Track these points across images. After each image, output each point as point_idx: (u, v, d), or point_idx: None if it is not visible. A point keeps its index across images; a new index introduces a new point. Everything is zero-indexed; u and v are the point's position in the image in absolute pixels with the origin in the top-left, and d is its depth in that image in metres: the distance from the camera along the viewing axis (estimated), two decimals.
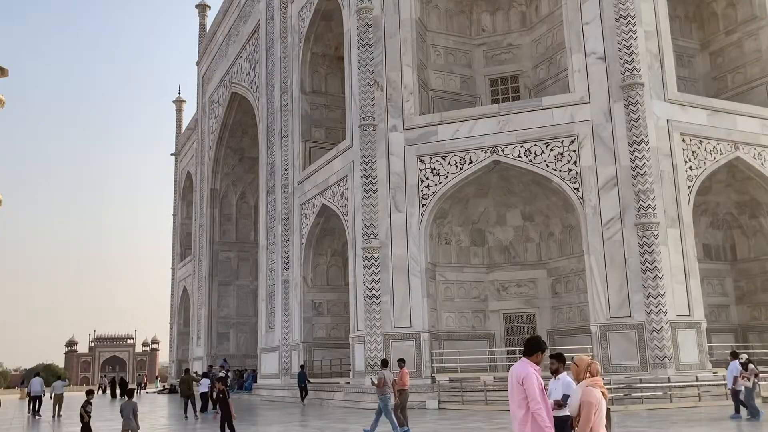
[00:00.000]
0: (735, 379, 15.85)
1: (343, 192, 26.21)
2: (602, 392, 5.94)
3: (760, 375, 17.14)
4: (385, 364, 15.14)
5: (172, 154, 61.54)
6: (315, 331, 29.67)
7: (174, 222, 59.85)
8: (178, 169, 60.34)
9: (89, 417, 13.13)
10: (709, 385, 20.15)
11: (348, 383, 24.65)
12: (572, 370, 6.14)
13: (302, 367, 27.44)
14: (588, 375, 6.06)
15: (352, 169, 25.14)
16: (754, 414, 15.13)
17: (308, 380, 26.69)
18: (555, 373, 7.64)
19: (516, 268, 26.21)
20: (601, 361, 20.52)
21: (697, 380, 19.92)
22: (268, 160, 34.27)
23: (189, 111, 62.62)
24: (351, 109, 25.83)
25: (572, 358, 6.56)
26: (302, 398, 26.35)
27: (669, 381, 19.44)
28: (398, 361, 16.40)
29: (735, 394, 16.02)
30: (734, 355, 16.75)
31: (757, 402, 19.78)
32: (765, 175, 23.74)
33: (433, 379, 22.33)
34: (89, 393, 13.66)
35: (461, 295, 25.84)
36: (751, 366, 15.84)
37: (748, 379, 15.52)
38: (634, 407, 18.71)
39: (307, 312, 29.55)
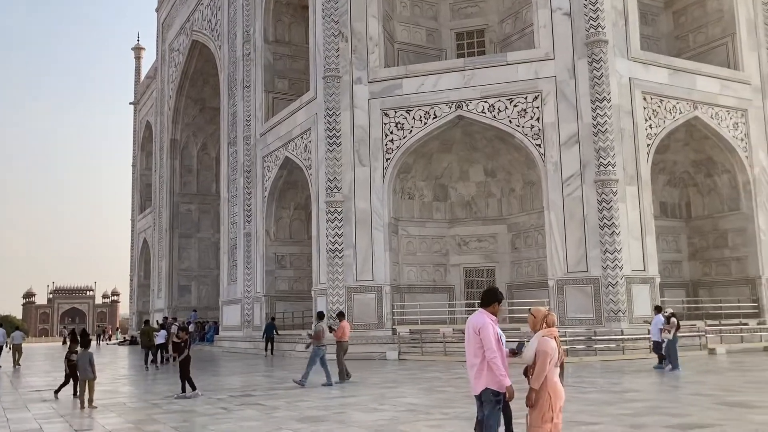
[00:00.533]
0: (660, 331, 16.51)
1: (306, 145, 25.98)
2: (557, 342, 6.08)
3: (704, 329, 17.75)
4: (321, 316, 15.41)
5: (131, 103, 59.99)
6: (277, 284, 29.72)
7: (133, 173, 58.71)
8: (137, 118, 58.92)
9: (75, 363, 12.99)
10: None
11: (310, 335, 24.81)
12: (529, 321, 6.25)
13: (273, 319, 27.61)
14: (544, 326, 6.18)
15: (316, 121, 24.89)
16: (675, 365, 15.81)
17: (277, 332, 26.89)
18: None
19: (477, 223, 26.49)
20: (558, 315, 21.06)
21: (648, 333, 20.58)
22: (230, 111, 33.68)
23: (148, 59, 60.91)
24: (315, 60, 25.42)
25: (529, 309, 6.70)
26: (270, 350, 26.57)
27: (622, 334, 20.08)
28: (337, 314, 16.58)
29: (657, 346, 16.73)
30: (658, 309, 17.52)
31: (703, 353, 20.64)
32: (721, 135, 24.24)
33: (394, 330, 22.67)
34: (74, 341, 13.39)
35: (423, 250, 26.07)
36: (673, 320, 16.49)
37: (669, 332, 16.19)
38: (588, 358, 19.31)
39: (270, 265, 29.53)
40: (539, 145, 22.05)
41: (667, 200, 26.82)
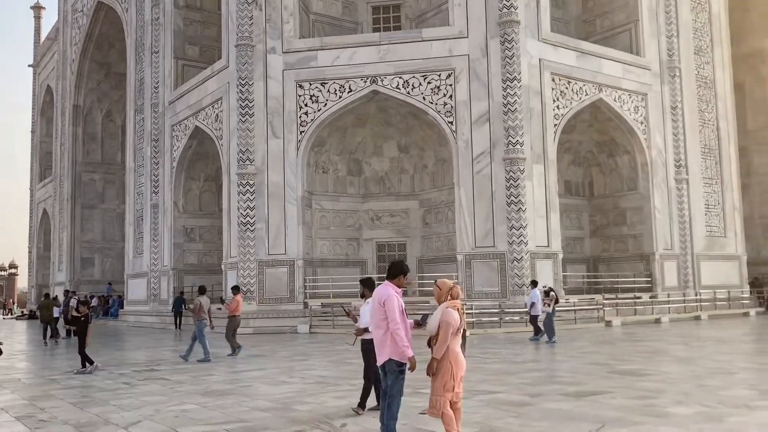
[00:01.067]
0: (533, 305, 17.38)
1: (217, 114, 25.32)
2: (460, 314, 6.23)
3: (601, 302, 18.64)
4: (202, 290, 15.12)
5: (30, 66, 56.52)
6: (186, 257, 29.02)
7: (32, 139, 55.49)
8: (36, 82, 55.57)
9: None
10: (561, 310, 21.79)
11: (219, 309, 24.46)
12: (434, 293, 6.37)
13: (181, 293, 26.95)
14: (449, 298, 6.31)
15: (228, 91, 24.27)
16: (551, 337, 16.68)
17: (186, 307, 26.27)
18: (362, 296, 8.03)
19: (390, 198, 26.70)
20: (466, 288, 21.63)
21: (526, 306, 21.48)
22: (137, 77, 32.33)
23: (49, 18, 57.45)
24: (228, 27, 24.70)
25: (435, 281, 6.83)
26: (178, 325, 25.99)
27: (526, 307, 20.82)
28: (232, 288, 16.36)
29: (533, 318, 17.58)
30: (534, 284, 18.35)
31: (600, 325, 21.73)
32: (623, 117, 25.33)
33: (306, 304, 22.65)
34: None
35: (336, 224, 26.07)
36: (552, 293, 17.38)
37: (548, 305, 17.06)
38: (493, 330, 19.97)
39: (178, 238, 28.77)
40: (451, 123, 22.37)
41: (572, 179, 27.88)
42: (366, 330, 7.72)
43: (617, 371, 10.98)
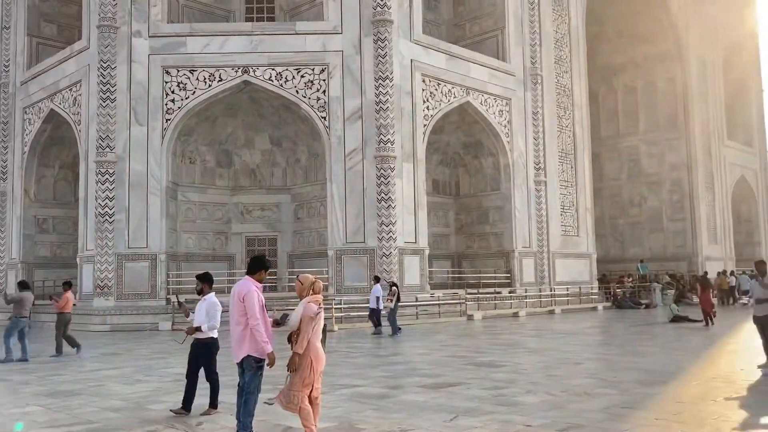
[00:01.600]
0: (377, 299, 17.91)
1: (76, 98, 23.78)
2: (320, 309, 6.22)
3: (464, 297, 19.28)
4: (24, 285, 14.20)
5: None
6: (37, 249, 27.06)
7: None
8: None
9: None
10: (426, 304, 22.50)
11: (74, 305, 23.01)
12: (296, 288, 6.32)
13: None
14: (311, 292, 6.28)
15: (88, 73, 22.85)
16: (395, 331, 17.27)
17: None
18: (200, 293, 7.71)
19: (261, 191, 26.27)
20: (336, 283, 21.77)
21: (416, 300, 22.09)
22: None
23: None
24: (89, 6, 23.24)
25: (297, 276, 6.78)
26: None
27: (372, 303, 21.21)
28: (63, 283, 15.52)
29: (373, 313, 18.11)
30: (376, 279, 18.84)
31: (463, 319, 22.55)
32: (488, 120, 26.40)
33: (168, 300, 21.80)
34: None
35: (203, 217, 25.30)
36: (394, 288, 17.95)
37: (391, 300, 17.65)
38: (360, 325, 20.18)
39: (29, 228, 26.77)
40: (324, 118, 22.35)
41: (440, 178, 28.75)
42: (198, 329, 7.48)
43: (474, 363, 11.43)
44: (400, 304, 18.61)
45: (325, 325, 6.33)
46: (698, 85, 39.48)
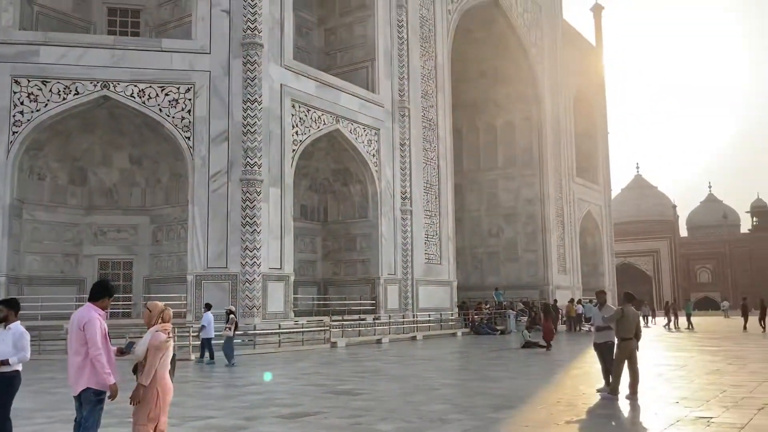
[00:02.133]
0: (203, 328, 17.55)
1: None
2: (169, 338, 5.95)
3: (329, 324, 19.14)
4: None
5: None
6: None
7: None
8: None
9: None
10: (290, 332, 22.21)
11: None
12: (144, 316, 6.02)
13: None
14: (160, 321, 6.01)
15: None
16: (230, 360, 16.88)
17: None
18: (4, 321, 6.68)
19: (118, 212, 24.97)
20: (194, 310, 20.97)
21: (279, 328, 21.74)
22: None
23: None
24: None
25: (145, 304, 6.46)
26: None
27: (255, 329, 20.80)
28: None
29: (205, 342, 17.65)
30: (208, 307, 18.37)
31: (326, 346, 22.46)
32: (358, 149, 26.76)
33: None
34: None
35: (52, 238, 23.61)
36: (231, 317, 17.62)
37: (229, 329, 17.34)
38: (219, 353, 19.50)
39: None
40: (189, 138, 21.71)
41: (308, 204, 28.71)
42: (5, 363, 6.46)
43: (334, 391, 11.38)
44: (237, 332, 18.10)
45: (174, 355, 6.06)
46: (552, 125, 42.31)
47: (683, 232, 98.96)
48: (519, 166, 41.33)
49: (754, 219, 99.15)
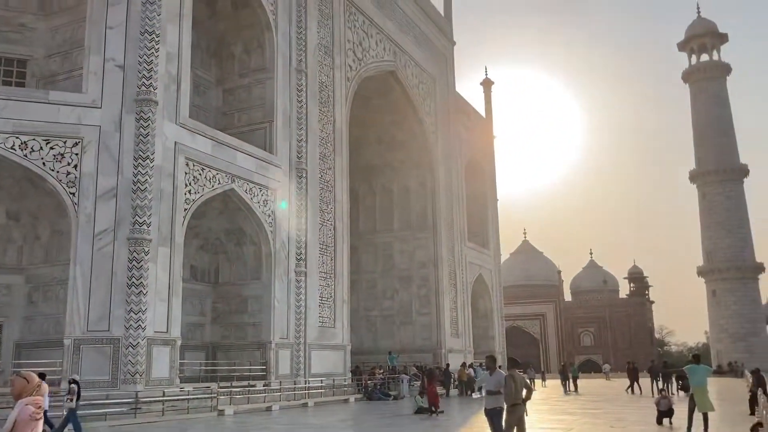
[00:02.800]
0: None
1: None
2: (38, 411, 5.53)
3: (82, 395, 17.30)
4: None
5: None
6: None
7: None
8: None
9: None
10: (175, 399, 21.12)
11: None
12: (17, 386, 5.56)
13: None
14: (35, 393, 5.58)
15: None
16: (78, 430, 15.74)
17: None
18: None
19: None
20: (72, 376, 19.56)
21: (164, 395, 20.64)
22: None
23: None
24: None
25: (18, 372, 5.98)
26: None
27: (137, 397, 19.64)
28: None
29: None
30: (42, 376, 16.79)
31: (213, 414, 21.52)
32: (253, 209, 26.44)
33: None
34: None
35: None
36: (73, 386, 16.40)
37: (72, 400, 16.16)
38: (97, 423, 18.25)
39: None
40: (74, 194, 20.74)
41: (198, 264, 27.87)
42: None
43: None
44: (81, 402, 16.79)
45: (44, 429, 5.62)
46: (445, 191, 43.71)
47: (568, 296, 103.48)
48: (414, 230, 42.21)
49: (631, 285, 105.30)
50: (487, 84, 58.22)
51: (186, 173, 23.09)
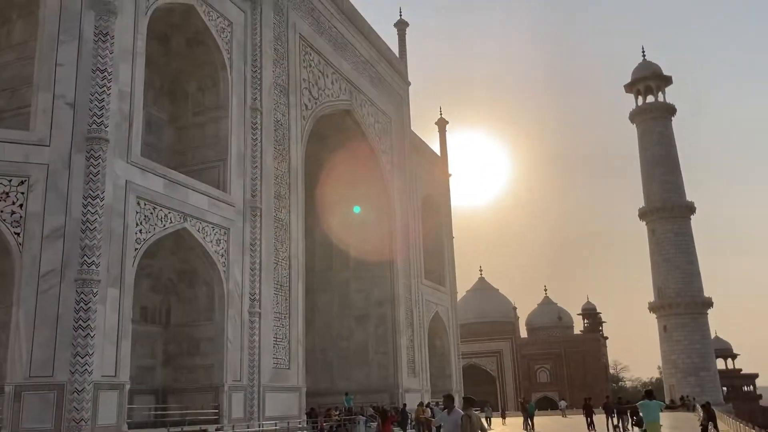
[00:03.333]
0: None
1: None
2: None
3: None
4: None
5: None
6: None
7: None
8: None
9: None
10: None
11: None
12: None
13: None
14: None
15: None
16: None
17: None
18: None
19: None
20: (11, 426, 18.74)
21: None
22: None
23: None
24: None
25: None
26: None
27: None
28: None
29: None
30: None
31: None
32: (205, 249, 26.00)
33: None
34: None
35: None
36: None
37: None
38: None
39: None
40: (18, 234, 20.10)
41: (149, 305, 27.15)
42: None
43: None
44: None
45: None
46: (401, 228, 43.84)
47: (523, 333, 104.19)
48: (371, 267, 42.07)
49: (585, 321, 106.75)
50: (441, 123, 59.14)
51: (137, 212, 22.64)
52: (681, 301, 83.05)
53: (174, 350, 27.45)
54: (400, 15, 52.02)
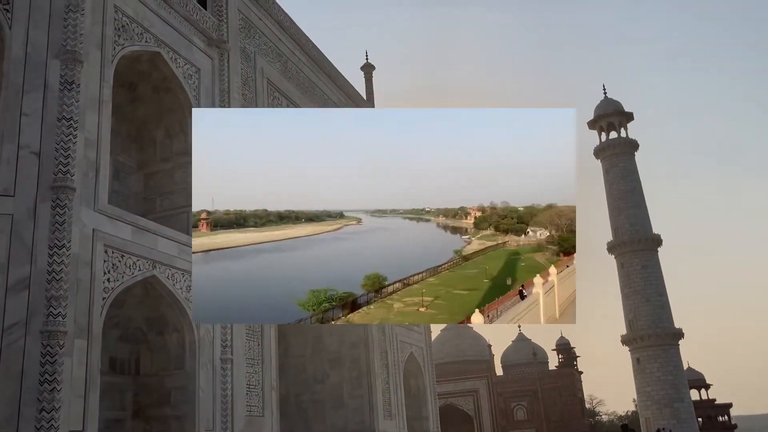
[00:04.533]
0: None
1: None
2: None
3: None
4: None
5: None
6: None
7: None
8: None
9: None
10: None
11: None
12: None
13: None
14: None
15: None
16: None
17: None
18: None
19: None
20: None
21: None
22: None
23: None
24: None
25: None
26: None
27: None
28: None
29: None
30: None
31: None
32: (175, 296, 25.66)
33: None
34: None
35: None
36: None
37: None
38: None
39: None
40: None
41: (118, 356, 26.55)
42: None
43: None
44: None
45: None
46: None
47: (499, 370, 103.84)
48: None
49: (560, 356, 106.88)
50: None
51: (105, 261, 22.32)
52: (652, 332, 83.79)
53: (144, 401, 26.80)
54: (366, 58, 52.78)
